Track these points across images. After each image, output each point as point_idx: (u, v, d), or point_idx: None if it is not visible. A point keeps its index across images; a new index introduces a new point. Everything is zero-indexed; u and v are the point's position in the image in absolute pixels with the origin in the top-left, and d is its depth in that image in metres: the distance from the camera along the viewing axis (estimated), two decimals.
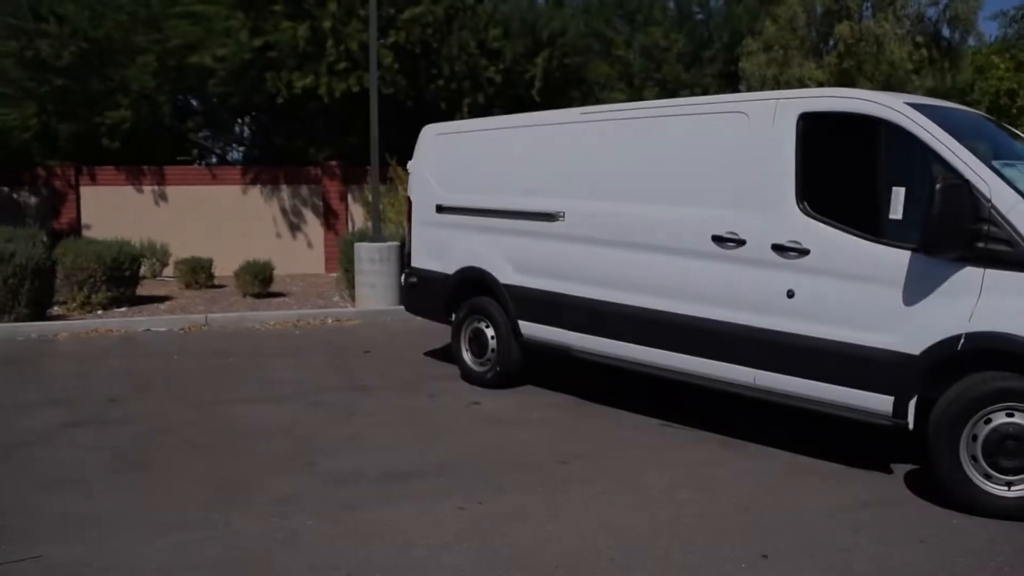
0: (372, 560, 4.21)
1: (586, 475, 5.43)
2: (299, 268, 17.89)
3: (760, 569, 4.11)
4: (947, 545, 4.40)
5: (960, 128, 5.36)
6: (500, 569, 4.11)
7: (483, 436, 6.30)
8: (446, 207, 8.06)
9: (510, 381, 7.70)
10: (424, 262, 8.33)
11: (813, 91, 5.94)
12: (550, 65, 18.19)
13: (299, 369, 8.71)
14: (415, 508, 4.88)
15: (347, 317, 12.03)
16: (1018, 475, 4.71)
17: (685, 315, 6.05)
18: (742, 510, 4.85)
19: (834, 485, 5.26)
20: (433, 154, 8.36)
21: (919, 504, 4.97)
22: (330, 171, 18.29)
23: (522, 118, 7.79)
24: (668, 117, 6.43)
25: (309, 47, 16.88)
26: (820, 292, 5.37)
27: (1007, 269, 4.72)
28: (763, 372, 5.66)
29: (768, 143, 5.68)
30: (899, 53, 19.50)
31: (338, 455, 5.86)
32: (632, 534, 4.52)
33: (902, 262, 5.04)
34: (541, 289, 7.10)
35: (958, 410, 4.79)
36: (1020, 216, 4.71)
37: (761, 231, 5.63)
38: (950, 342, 4.82)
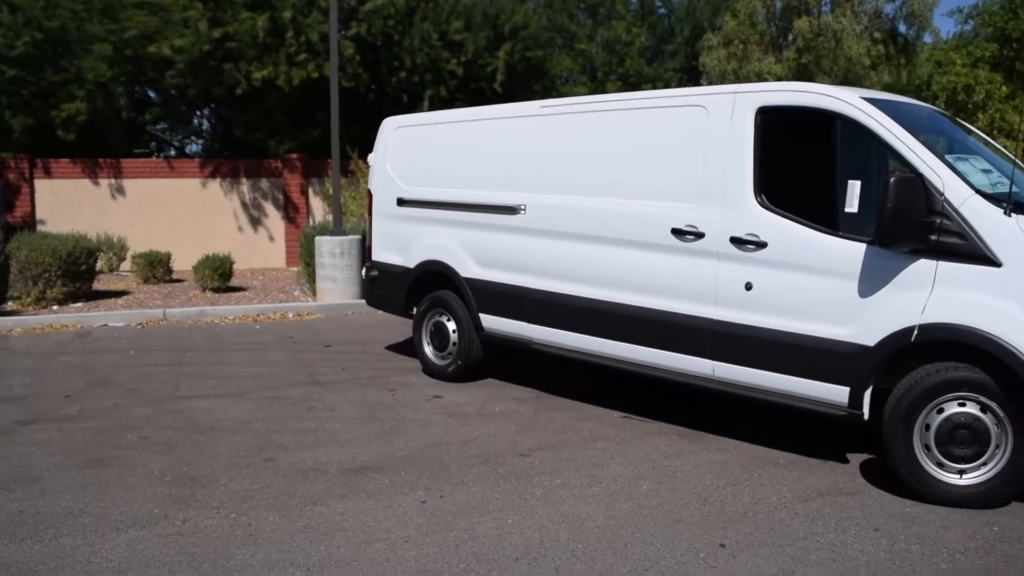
0: (333, 555, 4.19)
1: (547, 468, 5.45)
2: (260, 262, 17.75)
3: (718, 559, 4.16)
4: (901, 532, 4.48)
5: (914, 122, 5.44)
6: (461, 562, 4.11)
7: (444, 430, 6.29)
8: (407, 200, 8.03)
9: (472, 374, 7.70)
10: (385, 256, 8.30)
11: (771, 85, 5.99)
12: (512, 58, 18.19)
13: (259, 364, 8.63)
14: (376, 502, 4.87)
15: (308, 311, 11.95)
16: (970, 463, 4.80)
17: (645, 308, 6.08)
18: (702, 501, 4.90)
19: (792, 475, 5.33)
20: (394, 147, 8.32)
21: (874, 493, 5.05)
22: (291, 164, 18.14)
23: (483, 111, 7.78)
24: (627, 111, 6.45)
25: (269, 38, 16.73)
26: (777, 285, 5.43)
27: (959, 262, 4.81)
28: (722, 364, 5.72)
29: (726, 137, 5.73)
30: (857, 48, 19.74)
31: (299, 450, 5.82)
32: (593, 526, 4.54)
33: (857, 255, 5.11)
34: (502, 282, 7.11)
35: (912, 400, 4.87)
36: (972, 209, 4.80)
37: (720, 224, 5.68)
38: (904, 333, 4.90)
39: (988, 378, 4.69)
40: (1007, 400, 4.66)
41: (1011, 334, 4.59)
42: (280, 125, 18.81)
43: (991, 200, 4.84)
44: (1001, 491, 4.77)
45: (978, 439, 4.76)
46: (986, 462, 4.78)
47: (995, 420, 4.73)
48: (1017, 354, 4.55)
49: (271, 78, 16.79)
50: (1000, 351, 4.60)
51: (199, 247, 14.96)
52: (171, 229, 17.04)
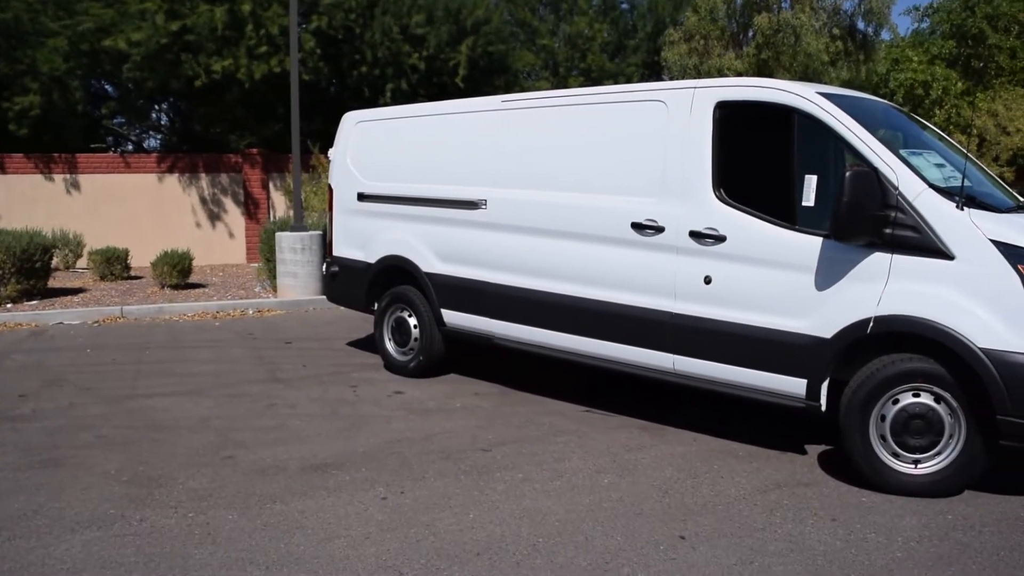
0: (293, 553, 4.16)
1: (509, 462, 5.45)
2: (220, 258, 17.56)
3: (678, 551, 4.18)
4: (857, 522, 4.54)
5: (870, 117, 5.51)
6: (422, 558, 4.10)
7: (406, 425, 6.27)
8: (368, 195, 7.98)
9: (434, 370, 7.68)
10: (346, 251, 8.24)
11: (729, 80, 6.03)
12: (474, 53, 18.14)
13: (218, 361, 8.54)
14: (337, 499, 4.84)
15: (268, 308, 11.84)
16: (924, 453, 4.88)
17: (606, 302, 6.11)
18: (662, 494, 4.93)
19: (751, 467, 5.38)
20: (354, 141, 8.27)
21: (832, 483, 5.11)
22: (251, 159, 17.96)
23: (444, 105, 7.75)
24: (588, 106, 6.46)
25: (228, 31, 16.54)
26: (736, 278, 5.47)
27: (913, 255, 4.88)
28: (682, 357, 5.75)
29: (686, 131, 5.76)
30: (816, 45, 19.97)
31: (258, 447, 5.76)
32: (554, 520, 4.55)
33: (814, 248, 5.17)
34: (464, 277, 7.09)
35: (867, 392, 4.94)
36: (926, 203, 4.87)
37: (679, 218, 5.71)
38: (859, 325, 4.97)
39: (942, 369, 4.77)
40: (960, 390, 4.74)
41: (963, 325, 4.67)
42: (240, 119, 18.61)
43: (944, 194, 4.91)
44: (955, 480, 4.85)
45: (932, 429, 4.84)
46: (940, 452, 4.86)
47: (949, 410, 4.80)
48: (969, 345, 4.63)
49: (231, 72, 16.61)
50: (952, 342, 4.68)
51: (158, 243, 14.77)
52: (129, 225, 16.79)
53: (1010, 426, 4.57)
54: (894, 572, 3.97)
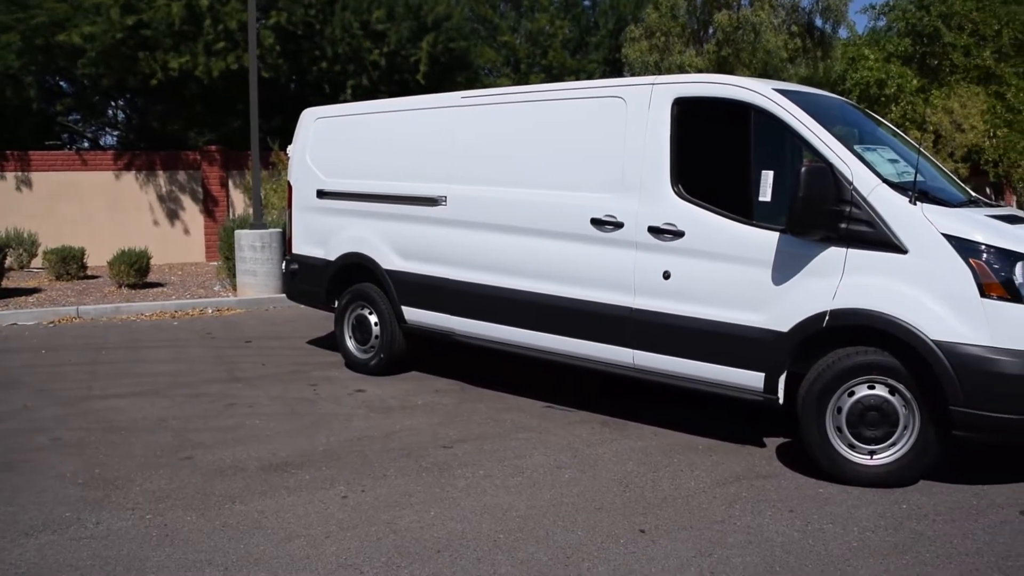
0: (252, 553, 4.12)
1: (470, 459, 5.45)
2: (178, 257, 17.35)
3: (638, 544, 4.21)
4: (815, 512, 4.59)
5: (825, 113, 5.58)
6: (383, 556, 4.08)
7: (367, 423, 6.24)
8: (327, 192, 7.93)
9: (395, 368, 7.65)
10: (305, 248, 8.18)
11: (687, 77, 6.07)
12: (435, 49, 18.09)
13: (177, 361, 8.43)
14: (297, 498, 4.80)
15: (228, 307, 11.72)
16: (880, 444, 4.95)
17: (566, 297, 6.12)
18: (623, 488, 4.96)
19: (711, 460, 5.42)
20: (313, 138, 8.20)
21: (790, 475, 5.17)
22: (210, 156, 17.76)
23: (403, 102, 7.72)
24: (547, 102, 6.47)
25: (185, 26, 16.33)
26: (694, 273, 5.51)
27: (868, 249, 4.95)
28: (641, 352, 5.78)
29: (644, 127, 5.78)
30: (775, 42, 20.19)
31: (217, 448, 5.70)
32: (515, 515, 4.55)
33: (771, 243, 5.22)
34: (424, 274, 7.07)
35: (824, 384, 5.00)
36: (880, 198, 4.94)
37: (638, 214, 5.74)
38: (816, 319, 5.03)
39: (896, 361, 4.84)
40: (914, 382, 4.81)
41: (916, 318, 4.74)
42: (199, 116, 18.39)
43: (898, 189, 4.99)
44: (910, 470, 4.93)
45: (887, 420, 4.91)
46: (895, 443, 4.93)
47: (903, 402, 4.88)
48: (922, 337, 4.70)
49: (188, 68, 16.39)
50: (906, 334, 4.75)
51: (115, 242, 14.54)
52: (85, 224, 16.52)
53: (962, 416, 4.66)
54: (850, 561, 4.02)
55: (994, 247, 4.73)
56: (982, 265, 4.69)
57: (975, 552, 4.12)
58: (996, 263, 4.70)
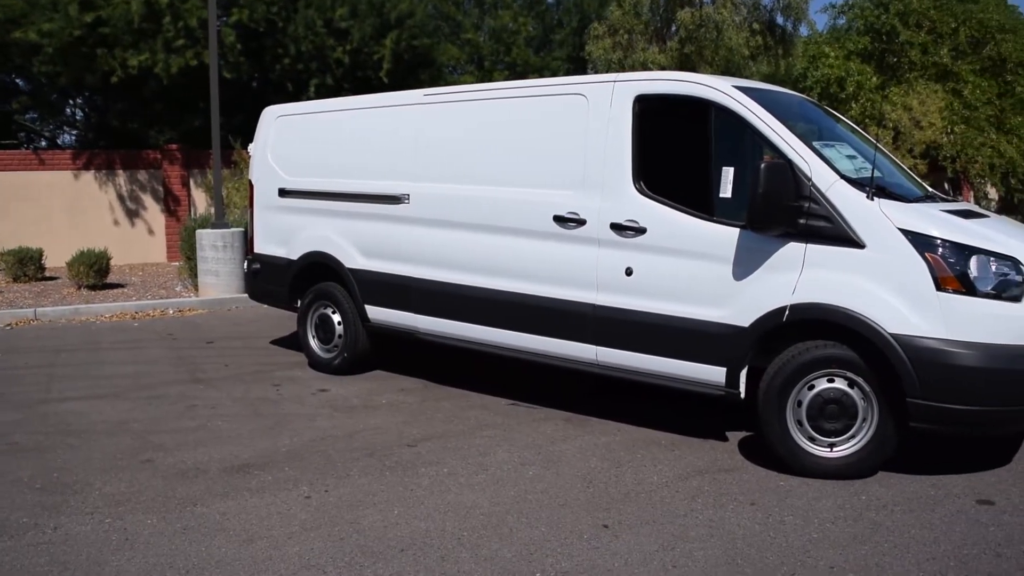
0: (213, 556, 4.08)
1: (434, 457, 5.44)
2: (139, 257, 17.13)
3: (601, 539, 4.23)
4: (776, 505, 4.64)
5: (784, 110, 5.63)
6: (346, 556, 4.06)
7: (330, 423, 6.20)
8: (289, 191, 7.87)
9: (358, 367, 7.61)
10: (267, 248, 8.11)
11: (648, 74, 6.10)
12: (399, 47, 18.00)
13: (137, 363, 8.32)
14: (260, 500, 4.76)
15: (190, 307, 11.59)
16: (839, 437, 5.02)
17: (529, 295, 6.12)
18: (586, 484, 4.97)
19: (673, 455, 5.46)
20: (275, 136, 8.14)
21: (752, 469, 5.22)
22: (170, 155, 17.54)
23: (365, 100, 7.67)
24: (510, 99, 6.47)
25: (145, 23, 16.08)
26: (657, 269, 5.54)
27: (826, 244, 5.00)
28: (604, 349, 5.80)
29: (606, 124, 5.80)
30: (737, 39, 20.29)
31: (178, 450, 5.64)
32: (479, 513, 4.55)
33: (731, 239, 5.26)
34: (387, 273, 7.04)
35: (784, 378, 5.06)
36: (838, 194, 5.00)
37: (600, 211, 5.76)
38: (776, 314, 5.08)
39: (854, 355, 4.91)
40: (872, 375, 4.88)
41: (874, 312, 4.81)
42: (159, 114, 18.14)
43: (855, 185, 5.05)
44: (869, 462, 5.00)
45: (846, 413, 4.98)
46: (854, 435, 5.00)
47: (862, 395, 4.95)
48: (880, 330, 4.77)
49: (148, 66, 16.17)
50: (864, 328, 4.82)
51: (74, 243, 14.32)
52: (43, 224, 16.23)
53: (919, 408, 4.73)
54: (810, 552, 4.07)
55: (949, 241, 4.81)
56: (937, 259, 4.77)
57: (932, 541, 4.19)
58: (951, 257, 4.77)
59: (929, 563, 3.96)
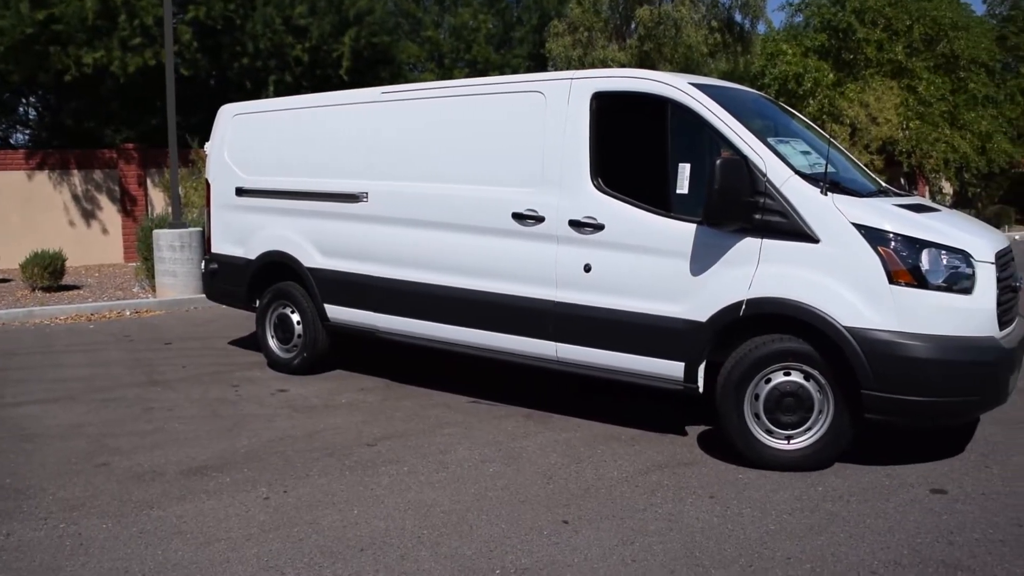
0: (170, 559, 4.03)
1: (394, 456, 5.42)
2: (96, 258, 16.88)
3: (561, 535, 4.24)
4: (734, 498, 4.69)
5: (739, 107, 5.68)
6: (305, 557, 4.03)
7: (290, 424, 6.15)
8: (246, 190, 7.79)
9: (318, 366, 7.56)
10: (225, 247, 8.03)
11: (605, 71, 6.13)
12: (358, 44, 17.90)
13: (93, 365, 8.20)
14: (217, 502, 4.71)
15: (147, 308, 11.44)
16: (796, 429, 5.08)
17: (488, 292, 6.12)
18: (547, 480, 4.98)
19: (633, 450, 5.49)
20: (231, 135, 8.05)
21: (710, 462, 5.26)
22: (127, 154, 17.29)
23: (322, 97, 7.62)
24: (468, 97, 6.45)
25: (99, 21, 15.82)
26: (615, 265, 5.57)
27: (782, 239, 5.05)
28: (564, 345, 5.82)
29: (564, 122, 5.81)
30: (695, 37, 20.44)
31: (134, 453, 5.56)
32: (439, 511, 4.54)
33: (688, 235, 5.30)
34: (346, 271, 7.00)
35: (741, 372, 5.10)
36: (792, 189, 5.05)
37: (558, 208, 5.77)
38: (733, 308, 5.12)
39: (810, 348, 4.96)
40: (827, 368, 4.94)
41: (829, 305, 4.87)
42: (115, 113, 17.86)
43: (809, 180, 5.10)
44: (825, 453, 5.06)
45: (803, 406, 5.04)
46: (811, 427, 5.06)
47: (818, 387, 5.01)
48: (834, 324, 4.83)
49: (104, 64, 15.91)
50: (819, 322, 4.87)
51: (28, 244, 14.05)
52: None
53: (873, 400, 4.80)
54: (767, 544, 4.11)
55: (901, 235, 4.88)
56: (890, 253, 4.83)
57: (887, 530, 4.26)
58: (903, 251, 4.85)
59: (883, 552, 4.02)
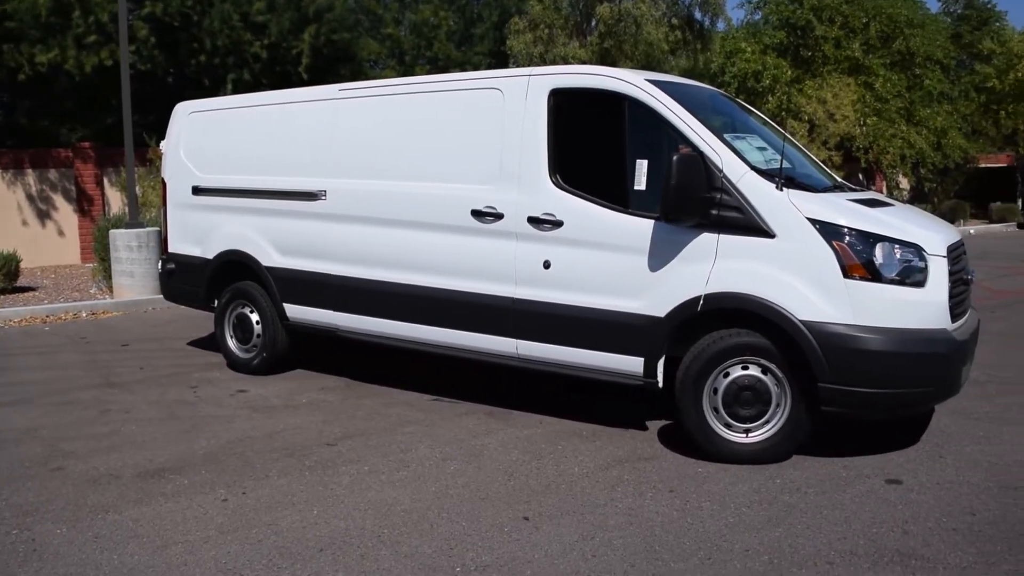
0: (126, 564, 3.98)
1: (355, 455, 5.39)
2: (52, 259, 16.60)
3: (522, 531, 4.24)
4: (693, 492, 4.72)
5: (696, 103, 5.71)
6: (263, 558, 4.00)
7: (249, 424, 6.10)
8: (203, 188, 7.70)
9: (278, 366, 7.50)
10: (182, 247, 7.93)
11: (563, 68, 6.14)
12: (318, 41, 17.77)
13: (48, 368, 8.06)
14: (175, 505, 4.66)
15: (104, 309, 11.27)
16: (754, 422, 5.13)
17: (449, 290, 6.10)
18: (508, 477, 4.98)
19: (594, 446, 5.51)
20: (187, 133, 7.96)
21: (671, 456, 5.30)
22: (83, 153, 17.02)
23: (280, 95, 7.56)
24: (426, 94, 6.43)
25: (53, 18, 15.56)
26: (574, 262, 5.58)
27: (738, 234, 5.09)
28: (525, 342, 5.82)
29: (522, 119, 5.81)
30: (656, 34, 20.56)
31: (90, 456, 5.47)
32: (399, 510, 4.53)
33: (646, 231, 5.32)
34: (305, 270, 6.94)
35: (700, 366, 5.14)
36: (748, 185, 5.09)
37: (517, 205, 5.77)
38: (690, 304, 5.16)
39: (767, 342, 5.01)
40: (784, 361, 4.99)
41: (785, 300, 4.92)
42: (71, 112, 17.58)
43: (765, 176, 5.15)
44: (783, 446, 5.12)
45: (760, 399, 5.09)
46: (769, 420, 5.11)
47: (775, 381, 5.06)
48: (791, 318, 4.88)
49: (58, 62, 15.64)
50: (776, 316, 4.92)
51: None
52: None
53: (830, 392, 4.86)
54: (726, 537, 4.15)
55: (855, 230, 4.94)
56: (844, 247, 4.89)
57: (843, 521, 4.31)
58: (858, 245, 4.91)
59: (840, 542, 4.07)
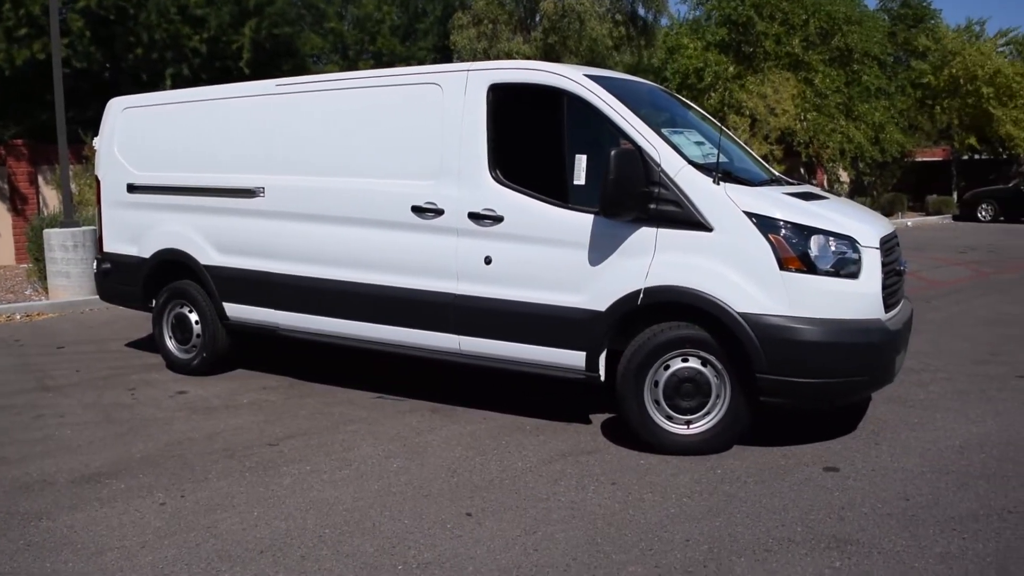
0: (59, 572, 3.89)
1: (297, 455, 5.33)
2: None
3: (464, 528, 4.24)
4: (636, 483, 4.76)
5: (634, 98, 5.75)
6: (202, 562, 3.94)
7: (188, 426, 5.99)
8: (138, 186, 7.54)
9: (219, 367, 7.38)
10: (117, 246, 7.76)
11: (502, 63, 6.13)
12: (258, 35, 17.53)
13: None
14: (111, 510, 4.56)
15: (39, 311, 10.99)
16: (695, 414, 5.19)
17: (390, 286, 6.07)
18: (451, 473, 4.97)
19: (538, 440, 5.52)
20: (121, 129, 7.79)
21: (613, 450, 5.33)
22: (16, 150, 16.55)
23: (216, 90, 7.42)
24: (365, 89, 6.38)
25: None
26: (515, 257, 5.58)
27: (676, 228, 5.14)
28: (467, 338, 5.81)
29: (460, 114, 5.79)
30: (600, 30, 20.67)
31: (22, 462, 5.33)
32: (341, 509, 4.49)
33: (586, 225, 5.34)
34: (244, 268, 6.84)
35: (641, 359, 5.19)
36: (685, 179, 5.14)
37: (458, 200, 5.75)
38: (631, 297, 5.19)
39: (706, 334, 5.07)
40: (723, 353, 5.06)
41: (723, 292, 4.98)
42: (2, 108, 17.09)
43: (702, 170, 5.20)
44: (724, 437, 5.19)
45: (701, 391, 5.15)
46: (709, 411, 5.18)
47: (715, 372, 5.12)
48: (728, 310, 4.94)
49: None
50: (714, 308, 4.99)
51: None
52: None
53: (768, 383, 4.94)
54: (667, 528, 4.19)
55: (791, 223, 5.01)
56: (780, 240, 4.97)
57: (781, 509, 4.39)
58: (793, 238, 4.99)
59: (778, 530, 4.14)
